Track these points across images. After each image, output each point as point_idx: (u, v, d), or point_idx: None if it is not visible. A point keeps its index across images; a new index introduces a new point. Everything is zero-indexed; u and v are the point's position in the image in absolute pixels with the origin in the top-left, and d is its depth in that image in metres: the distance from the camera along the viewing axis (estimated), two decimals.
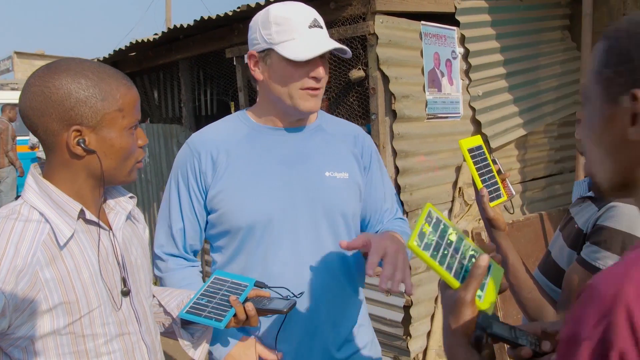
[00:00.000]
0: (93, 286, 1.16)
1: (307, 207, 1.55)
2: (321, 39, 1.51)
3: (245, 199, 1.53)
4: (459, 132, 3.54)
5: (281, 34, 1.48)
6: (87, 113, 1.13)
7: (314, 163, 1.58)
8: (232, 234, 1.56)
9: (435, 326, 3.33)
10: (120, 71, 1.22)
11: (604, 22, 4.15)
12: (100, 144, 1.16)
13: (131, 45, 4.61)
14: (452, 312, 0.91)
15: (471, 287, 0.91)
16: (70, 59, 1.17)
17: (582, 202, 1.50)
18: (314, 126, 1.65)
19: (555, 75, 4.24)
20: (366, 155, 1.69)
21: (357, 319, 1.68)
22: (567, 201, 4.29)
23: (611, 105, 0.75)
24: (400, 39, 3.11)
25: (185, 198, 1.58)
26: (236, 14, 3.43)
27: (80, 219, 1.18)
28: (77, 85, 1.12)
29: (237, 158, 1.56)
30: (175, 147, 4.95)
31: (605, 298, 0.62)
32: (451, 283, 0.93)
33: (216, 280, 1.44)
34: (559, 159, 4.38)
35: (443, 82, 3.37)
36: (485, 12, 3.68)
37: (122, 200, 1.32)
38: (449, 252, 0.96)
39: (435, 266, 0.93)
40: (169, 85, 5.48)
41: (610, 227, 1.29)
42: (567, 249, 1.43)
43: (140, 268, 1.32)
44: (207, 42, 4.28)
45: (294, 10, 1.50)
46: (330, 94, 3.58)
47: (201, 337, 1.45)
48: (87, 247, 1.17)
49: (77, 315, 1.13)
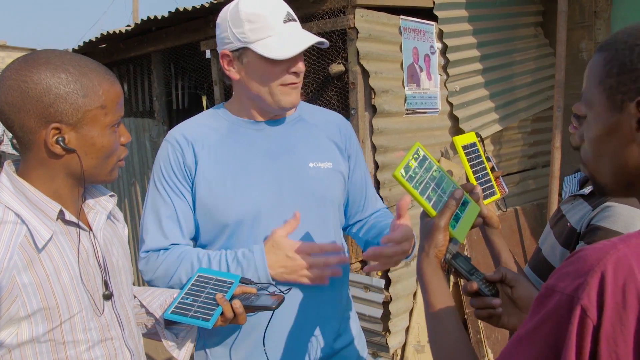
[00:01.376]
0: (74, 290, 1.10)
1: (294, 199, 1.53)
2: (298, 33, 1.47)
3: (232, 194, 1.50)
4: (437, 127, 3.54)
5: (256, 32, 1.43)
6: (68, 110, 1.06)
7: (298, 154, 1.57)
8: (220, 230, 1.52)
9: (414, 322, 3.34)
10: (102, 65, 1.16)
11: (575, 19, 4.21)
12: (81, 143, 1.10)
13: (102, 36, 4.48)
14: (427, 236, 1.06)
15: (445, 215, 1.05)
16: (50, 51, 1.10)
17: (574, 200, 1.50)
18: (294, 117, 1.63)
19: (529, 71, 4.29)
20: (348, 142, 1.69)
21: (346, 311, 1.68)
22: (541, 196, 4.36)
23: (615, 112, 0.80)
24: (380, 34, 3.09)
25: (171, 190, 1.53)
26: (213, 5, 3.36)
27: (59, 219, 1.12)
28: (57, 80, 1.05)
29: (221, 153, 1.53)
30: (147, 142, 4.84)
31: (587, 261, 0.70)
32: (429, 211, 1.07)
33: (200, 278, 1.39)
34: (533, 154, 4.44)
35: (422, 77, 3.36)
36: (462, 7, 3.69)
37: (102, 199, 1.27)
38: (430, 185, 1.09)
39: (416, 195, 1.06)
40: (139, 78, 5.36)
41: (606, 227, 1.30)
42: (560, 247, 1.44)
43: (121, 269, 1.27)
44: (181, 34, 4.19)
45: (265, 5, 1.45)
46: (309, 88, 3.54)
47: (186, 337, 1.41)
48: (66, 249, 1.11)
49: (57, 321, 1.08)
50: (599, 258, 0.69)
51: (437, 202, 1.08)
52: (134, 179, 5.13)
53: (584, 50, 4.26)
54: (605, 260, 0.68)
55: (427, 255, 1.05)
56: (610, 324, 0.66)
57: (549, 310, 0.71)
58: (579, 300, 0.68)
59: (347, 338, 1.67)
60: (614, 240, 0.72)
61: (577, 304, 0.68)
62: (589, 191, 1.44)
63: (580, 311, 0.67)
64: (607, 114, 0.81)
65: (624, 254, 0.69)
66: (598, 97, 0.83)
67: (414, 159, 1.08)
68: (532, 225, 4.08)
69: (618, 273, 0.67)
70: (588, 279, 0.68)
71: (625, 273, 0.67)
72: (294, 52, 1.42)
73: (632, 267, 0.67)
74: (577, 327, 0.68)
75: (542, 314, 0.72)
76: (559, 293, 0.70)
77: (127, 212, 5.29)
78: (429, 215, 1.08)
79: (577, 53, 4.27)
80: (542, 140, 4.43)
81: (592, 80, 0.84)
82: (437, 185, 1.10)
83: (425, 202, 1.06)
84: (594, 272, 0.68)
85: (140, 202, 5.09)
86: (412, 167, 1.07)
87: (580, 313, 0.67)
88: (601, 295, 0.67)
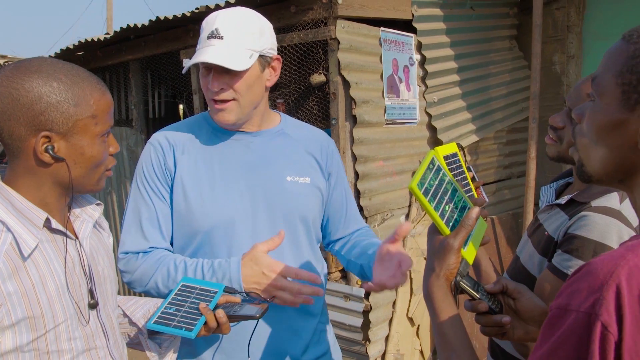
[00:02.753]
0: (59, 299, 1.10)
1: (266, 211, 1.55)
2: (210, 50, 1.44)
3: (206, 201, 1.51)
4: (416, 137, 3.59)
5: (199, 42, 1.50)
6: (58, 119, 1.06)
7: (276, 167, 1.58)
8: (192, 236, 1.53)
9: (394, 330, 3.36)
10: (94, 74, 1.16)
11: (549, 32, 4.32)
12: (70, 152, 1.10)
13: (80, 44, 4.44)
14: (439, 256, 0.99)
15: (460, 235, 0.98)
16: (42, 58, 1.11)
17: (551, 209, 1.53)
18: (276, 130, 1.64)
19: (504, 83, 4.38)
20: (330, 160, 1.70)
21: (318, 324, 1.67)
22: (516, 205, 4.43)
23: (626, 110, 0.78)
24: (360, 45, 3.13)
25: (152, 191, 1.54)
26: (194, 14, 3.36)
27: (45, 227, 1.11)
28: (49, 89, 1.05)
29: (199, 160, 1.55)
30: (125, 150, 4.79)
31: (599, 275, 0.67)
32: (442, 229, 0.99)
33: (184, 287, 1.38)
34: (508, 165, 4.51)
35: (401, 88, 3.41)
36: (440, 20, 3.76)
37: (88, 207, 1.27)
38: (444, 200, 1.00)
39: (431, 211, 0.97)
40: (115, 87, 5.31)
41: (583, 235, 1.32)
42: (538, 256, 1.46)
43: (107, 279, 1.27)
44: (161, 43, 4.17)
45: (208, 18, 1.49)
46: (290, 97, 3.56)
47: (169, 347, 1.40)
48: (52, 257, 1.11)
49: (42, 330, 1.06)
50: (610, 271, 0.67)
51: (450, 218, 1.00)
52: (110, 187, 5.06)
53: (556, 63, 4.37)
54: (617, 272, 0.66)
55: (438, 277, 0.98)
56: (631, 337, 0.64)
57: (566, 331, 0.68)
58: (598, 317, 0.65)
59: (321, 349, 1.67)
60: (620, 251, 0.70)
61: (596, 320, 0.65)
62: (565, 201, 1.47)
63: (601, 327, 0.64)
64: (617, 107, 0.79)
65: (634, 264, 0.67)
66: (613, 88, 0.79)
67: (429, 169, 1.00)
68: (508, 234, 4.14)
69: (632, 284, 0.65)
70: (604, 293, 0.65)
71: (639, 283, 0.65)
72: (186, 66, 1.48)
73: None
74: (599, 344, 0.64)
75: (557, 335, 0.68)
76: (574, 311, 0.67)
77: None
78: (441, 233, 1.00)
79: (550, 66, 4.38)
80: (518, 151, 4.51)
81: (610, 68, 0.80)
82: (449, 200, 1.02)
83: (440, 219, 0.98)
84: (609, 285, 0.65)
85: (117, 210, 5.02)
86: (427, 179, 0.99)
87: (601, 330, 0.64)
88: (619, 309, 0.64)
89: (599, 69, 0.84)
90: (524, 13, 4.40)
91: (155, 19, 3.66)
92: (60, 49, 4.67)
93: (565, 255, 1.34)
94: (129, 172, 4.81)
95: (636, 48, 0.77)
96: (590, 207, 1.37)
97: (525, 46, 4.32)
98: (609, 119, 0.80)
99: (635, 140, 0.77)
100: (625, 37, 0.80)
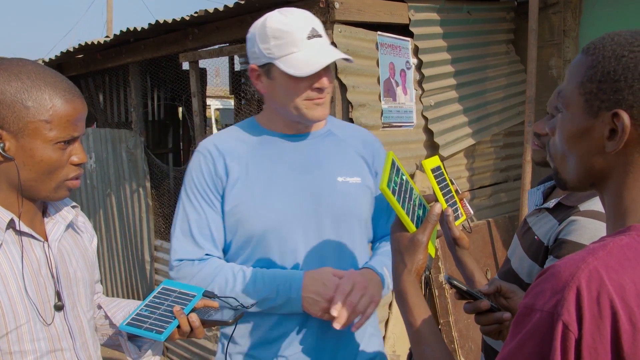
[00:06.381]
0: (22, 300, 1.10)
1: (321, 213, 1.55)
2: (322, 49, 1.47)
3: (258, 206, 1.51)
4: (412, 140, 3.62)
5: (281, 48, 1.45)
6: (10, 117, 1.08)
7: (327, 169, 1.58)
8: (245, 242, 1.54)
9: (390, 331, 3.38)
10: (69, 82, 1.17)
11: (545, 37, 4.35)
12: (20, 153, 1.11)
13: (80, 47, 4.47)
14: (409, 252, 1.03)
15: (427, 231, 1.03)
16: (15, 59, 1.13)
17: (539, 213, 1.55)
18: (324, 131, 1.65)
19: (501, 87, 4.41)
20: (377, 159, 1.69)
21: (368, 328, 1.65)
22: (512, 208, 4.46)
23: (590, 117, 0.82)
24: (357, 49, 3.16)
25: (203, 199, 1.55)
26: (193, 18, 3.38)
27: (11, 229, 1.12)
28: (7, 87, 1.08)
29: (250, 166, 1.55)
30: (124, 153, 4.82)
31: (562, 277, 0.72)
32: (409, 227, 1.03)
33: (163, 290, 1.36)
34: (504, 168, 4.54)
35: (398, 92, 3.44)
36: (437, 24, 3.79)
37: (63, 210, 1.27)
38: (407, 198, 1.04)
39: (400, 211, 1.01)
40: (114, 89, 5.33)
41: (573, 240, 1.34)
42: (528, 260, 1.48)
43: (79, 281, 1.26)
44: (160, 46, 4.19)
45: (291, 22, 1.46)
46: None
47: (148, 350, 1.40)
48: (16, 258, 1.11)
49: (3, 331, 1.07)
50: (572, 273, 0.71)
51: (412, 215, 1.04)
52: (109, 189, 5.08)
53: (553, 67, 4.40)
54: (578, 274, 0.70)
55: (410, 272, 1.02)
56: (590, 335, 0.69)
57: (531, 329, 0.73)
58: (560, 316, 0.70)
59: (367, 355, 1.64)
60: (582, 254, 0.74)
61: (558, 319, 0.70)
62: (553, 205, 1.49)
63: (563, 326, 0.69)
64: (582, 116, 0.83)
65: (594, 267, 0.71)
66: (576, 98, 0.84)
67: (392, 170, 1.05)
68: (504, 237, 4.17)
69: (591, 286, 0.70)
70: (565, 294, 0.70)
71: (598, 285, 0.70)
72: (313, 69, 1.43)
73: (602, 279, 0.70)
74: (560, 342, 0.69)
75: (523, 332, 0.74)
76: (539, 311, 0.72)
77: (102, 222, 5.24)
78: (408, 230, 1.04)
79: (547, 70, 4.41)
80: (514, 154, 4.54)
81: (572, 80, 0.85)
82: (409, 198, 1.06)
83: (407, 217, 1.02)
84: (570, 287, 0.70)
85: (116, 212, 5.04)
86: (392, 179, 1.03)
87: (562, 328, 0.69)
88: (579, 309, 0.69)
89: (563, 82, 0.89)
90: (521, 17, 4.43)
91: (155, 23, 3.68)
92: (60, 52, 4.70)
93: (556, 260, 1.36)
94: (128, 174, 4.83)
95: (594, 59, 0.82)
96: (579, 212, 1.39)
97: (522, 50, 4.35)
98: (576, 127, 0.85)
99: (601, 145, 0.81)
100: (584, 50, 0.85)
